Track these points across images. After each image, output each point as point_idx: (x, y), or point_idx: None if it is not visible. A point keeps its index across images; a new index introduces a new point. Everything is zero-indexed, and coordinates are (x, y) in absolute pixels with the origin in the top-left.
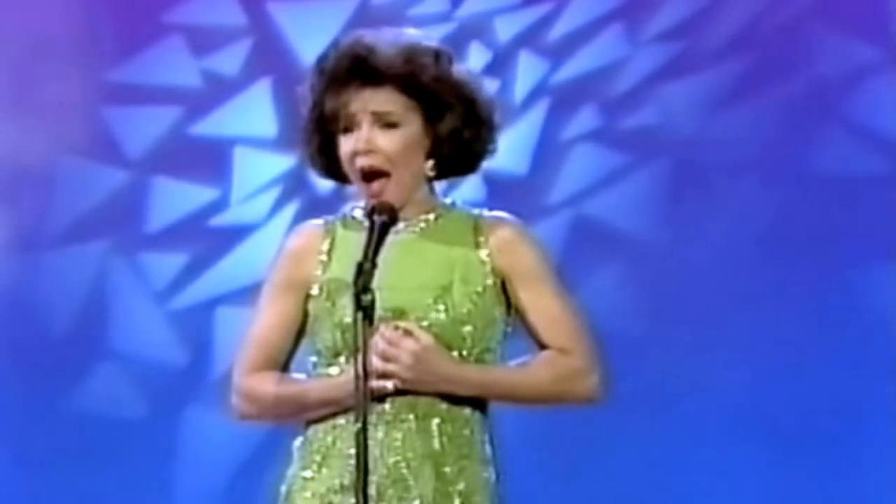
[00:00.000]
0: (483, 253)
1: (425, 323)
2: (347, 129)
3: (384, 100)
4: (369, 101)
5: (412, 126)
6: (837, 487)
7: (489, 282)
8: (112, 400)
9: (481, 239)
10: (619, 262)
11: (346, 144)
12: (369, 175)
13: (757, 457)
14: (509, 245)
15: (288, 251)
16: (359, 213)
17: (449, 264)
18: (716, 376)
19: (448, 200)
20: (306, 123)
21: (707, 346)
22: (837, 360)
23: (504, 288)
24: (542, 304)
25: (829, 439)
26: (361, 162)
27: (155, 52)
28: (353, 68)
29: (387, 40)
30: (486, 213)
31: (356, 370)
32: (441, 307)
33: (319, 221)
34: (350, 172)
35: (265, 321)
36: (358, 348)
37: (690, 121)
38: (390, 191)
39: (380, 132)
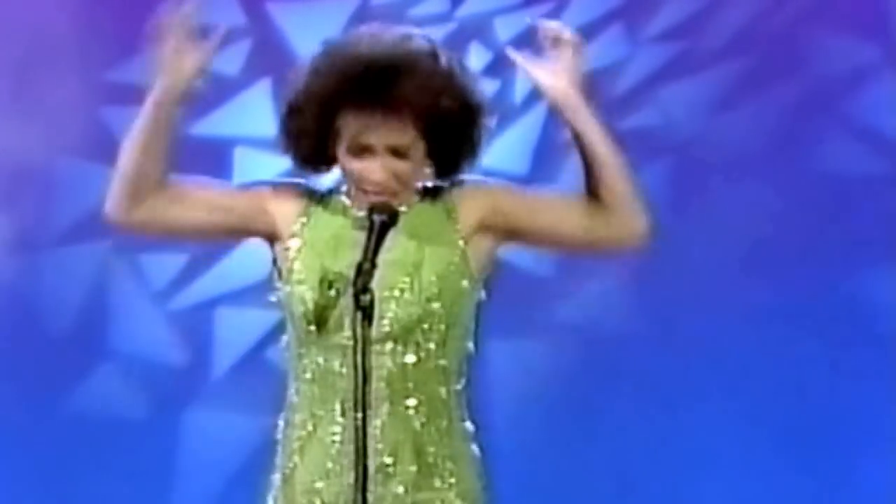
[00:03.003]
0: (452, 218)
1: (394, 302)
2: (357, 153)
3: (400, 132)
4: (388, 135)
5: (419, 151)
6: (837, 487)
7: (459, 249)
8: (112, 400)
9: (449, 201)
10: (619, 262)
11: (355, 163)
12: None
13: (757, 456)
14: (473, 192)
15: (277, 184)
16: (344, 198)
17: (419, 241)
18: (716, 376)
19: (425, 178)
20: (308, 114)
21: (707, 346)
22: (838, 359)
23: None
24: (528, 204)
25: (830, 439)
26: (376, 189)
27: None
28: (374, 95)
29: (407, 63)
30: (457, 180)
31: (355, 363)
32: (411, 285)
33: (301, 182)
34: (353, 183)
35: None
36: (357, 347)
37: (690, 121)
38: (398, 198)
39: (392, 160)
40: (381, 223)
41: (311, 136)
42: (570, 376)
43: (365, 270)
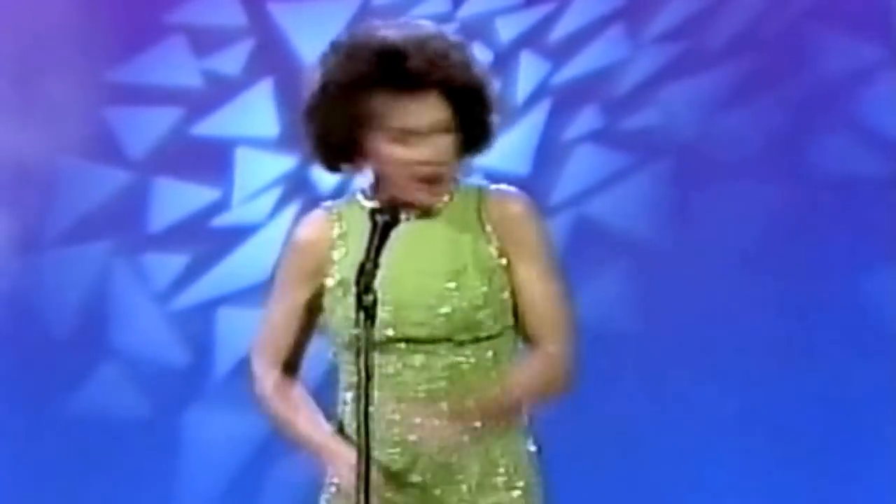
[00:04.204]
0: (489, 231)
1: (443, 309)
2: (401, 139)
3: (440, 109)
4: (431, 114)
5: (455, 125)
6: (837, 488)
7: (497, 261)
8: (113, 400)
9: (485, 217)
10: (621, 262)
11: (401, 150)
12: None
13: (757, 457)
14: (513, 221)
15: (297, 243)
16: (363, 200)
17: (459, 248)
18: (716, 376)
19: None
20: (335, 104)
21: (708, 347)
22: (838, 360)
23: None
24: (534, 286)
25: (830, 440)
26: (430, 171)
27: (156, 52)
28: (409, 78)
29: (414, 41)
30: (491, 188)
31: (357, 364)
32: (457, 293)
33: (323, 211)
34: (400, 176)
35: (275, 318)
36: (361, 348)
37: (692, 121)
38: (443, 191)
39: (439, 137)
40: (384, 223)
41: (340, 125)
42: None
43: (367, 271)
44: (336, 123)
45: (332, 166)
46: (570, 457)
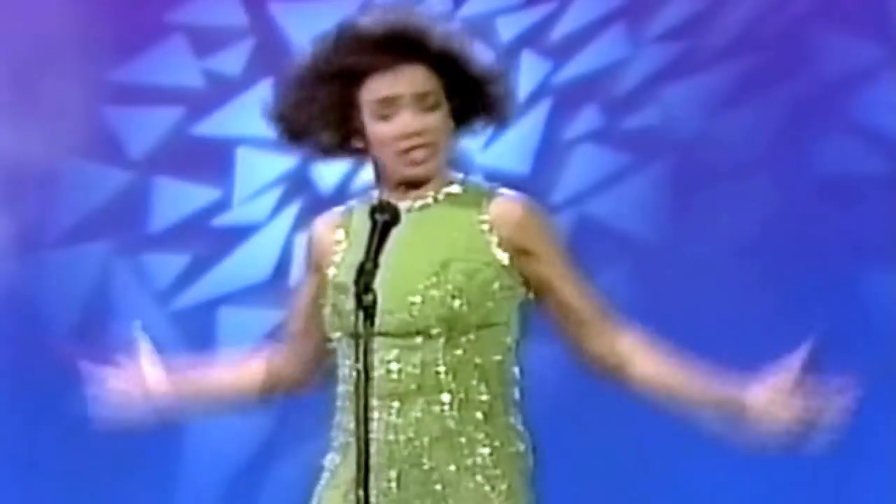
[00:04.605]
0: (487, 230)
1: (418, 298)
2: (384, 114)
3: (423, 79)
4: (412, 83)
5: (444, 108)
6: (836, 487)
7: (495, 256)
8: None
9: (487, 216)
10: (622, 262)
11: (386, 126)
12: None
13: (757, 457)
14: (520, 223)
15: (307, 238)
16: (375, 194)
17: (451, 240)
18: None
19: (460, 175)
20: (329, 93)
21: (708, 346)
22: (839, 360)
23: (515, 262)
24: (570, 279)
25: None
26: (413, 143)
27: (157, 52)
28: (394, 53)
29: (420, 21)
30: (497, 190)
31: (357, 369)
32: (435, 283)
33: (341, 208)
34: (388, 154)
35: (292, 305)
36: (359, 348)
37: (692, 121)
38: (432, 165)
39: (421, 113)
40: (383, 223)
41: (334, 111)
42: (569, 377)
43: (367, 270)
44: (337, 104)
45: (327, 148)
46: (570, 458)
